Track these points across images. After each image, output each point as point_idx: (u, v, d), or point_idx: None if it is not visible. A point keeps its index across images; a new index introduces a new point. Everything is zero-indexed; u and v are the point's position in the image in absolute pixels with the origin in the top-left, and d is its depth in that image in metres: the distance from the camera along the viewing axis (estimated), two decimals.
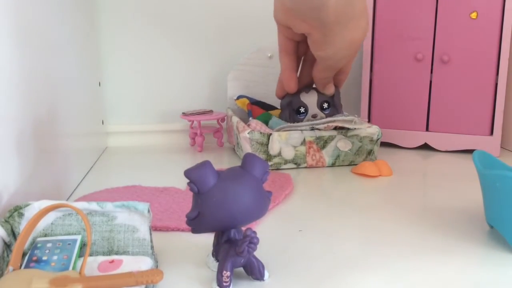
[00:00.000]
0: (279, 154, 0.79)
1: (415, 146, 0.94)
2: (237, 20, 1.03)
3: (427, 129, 0.93)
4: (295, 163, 0.81)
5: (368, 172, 0.76)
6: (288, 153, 0.79)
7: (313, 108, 0.82)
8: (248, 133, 0.78)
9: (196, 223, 0.43)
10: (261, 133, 0.78)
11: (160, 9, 1.00)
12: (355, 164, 0.82)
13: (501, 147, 0.92)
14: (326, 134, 0.80)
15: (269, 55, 0.98)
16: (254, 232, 0.41)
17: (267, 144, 0.79)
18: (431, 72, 0.91)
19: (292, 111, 0.83)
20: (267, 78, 1.00)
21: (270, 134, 0.78)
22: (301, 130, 0.79)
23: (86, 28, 0.89)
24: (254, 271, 0.43)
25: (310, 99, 0.83)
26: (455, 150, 0.92)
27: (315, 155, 0.80)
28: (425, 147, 0.94)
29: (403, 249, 0.50)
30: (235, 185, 0.42)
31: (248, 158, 0.45)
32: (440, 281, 0.44)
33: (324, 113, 0.83)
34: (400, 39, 0.91)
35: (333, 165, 0.82)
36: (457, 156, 0.90)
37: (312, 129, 0.80)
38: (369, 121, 0.97)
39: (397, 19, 0.91)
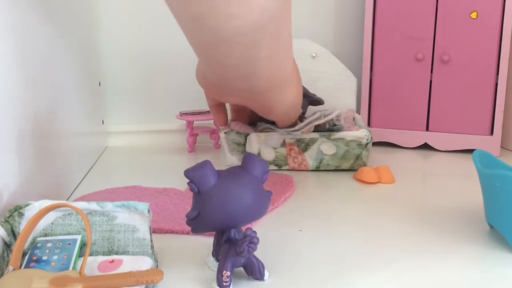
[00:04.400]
0: (258, 155, 0.78)
1: (415, 146, 0.94)
2: None
3: (427, 129, 0.93)
4: (276, 165, 0.79)
5: (366, 179, 0.73)
6: (268, 155, 0.78)
7: None
8: (224, 132, 0.78)
9: (196, 223, 0.43)
10: (237, 133, 0.78)
11: (161, 9, 1.00)
12: (342, 169, 0.79)
13: (501, 147, 0.92)
14: (306, 136, 0.77)
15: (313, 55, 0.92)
16: (254, 232, 0.41)
17: (244, 144, 0.78)
18: (431, 72, 0.91)
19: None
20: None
21: (248, 134, 0.77)
22: (280, 132, 0.77)
23: (86, 28, 0.89)
24: (254, 271, 0.43)
25: None
26: (455, 150, 0.92)
27: (297, 158, 0.78)
28: (425, 147, 0.94)
29: (403, 249, 0.50)
30: (235, 185, 0.42)
31: (248, 158, 0.45)
32: (440, 281, 0.44)
33: None
34: (400, 39, 0.91)
35: (317, 168, 0.79)
36: (457, 156, 0.90)
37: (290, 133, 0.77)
38: (369, 121, 0.97)
39: (397, 19, 0.91)
